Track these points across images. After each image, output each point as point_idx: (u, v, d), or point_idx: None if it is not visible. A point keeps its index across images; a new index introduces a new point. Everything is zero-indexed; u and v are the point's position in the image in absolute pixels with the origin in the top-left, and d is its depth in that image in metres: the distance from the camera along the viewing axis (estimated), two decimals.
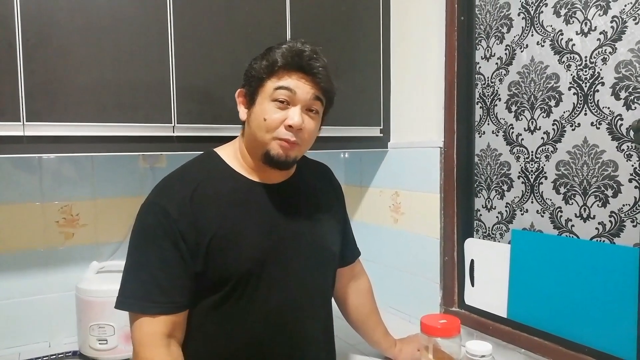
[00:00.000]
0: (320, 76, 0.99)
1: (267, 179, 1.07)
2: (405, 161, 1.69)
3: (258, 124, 0.99)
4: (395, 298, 1.74)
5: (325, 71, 1.00)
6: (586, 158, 1.19)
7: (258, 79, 1.00)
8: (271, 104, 0.98)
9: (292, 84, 0.98)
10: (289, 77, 0.98)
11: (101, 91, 1.21)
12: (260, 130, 0.99)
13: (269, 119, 0.98)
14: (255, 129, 1.00)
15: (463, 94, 1.50)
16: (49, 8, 1.14)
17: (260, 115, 0.99)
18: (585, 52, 1.19)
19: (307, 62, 0.98)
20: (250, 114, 1.02)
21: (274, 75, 0.98)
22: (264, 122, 0.98)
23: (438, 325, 1.17)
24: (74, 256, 1.52)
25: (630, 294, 1.08)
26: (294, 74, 0.98)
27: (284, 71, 0.98)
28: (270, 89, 0.98)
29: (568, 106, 1.23)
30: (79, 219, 1.52)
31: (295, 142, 0.99)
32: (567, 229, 1.24)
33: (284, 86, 0.97)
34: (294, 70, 0.98)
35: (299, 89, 0.98)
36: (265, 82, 0.99)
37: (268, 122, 0.98)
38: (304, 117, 0.99)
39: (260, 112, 0.99)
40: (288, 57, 0.98)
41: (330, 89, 1.03)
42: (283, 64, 0.98)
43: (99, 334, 1.34)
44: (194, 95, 1.32)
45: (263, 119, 0.98)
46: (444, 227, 1.54)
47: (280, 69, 0.98)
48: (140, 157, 1.59)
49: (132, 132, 1.26)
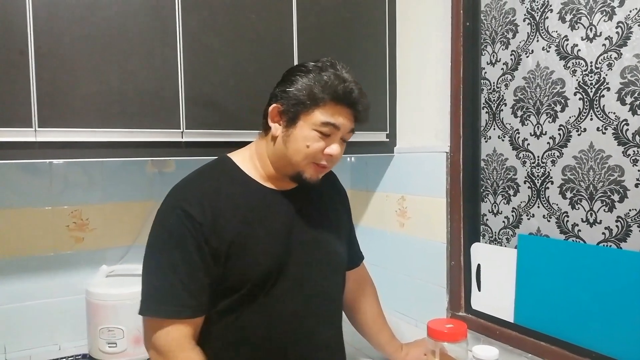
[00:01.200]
0: (363, 115, 1.04)
1: (280, 186, 1.10)
2: (412, 166, 1.69)
3: (297, 149, 1.01)
4: (401, 302, 1.74)
5: (366, 110, 1.05)
6: (592, 163, 1.19)
7: (303, 105, 1.01)
8: (314, 133, 1.01)
9: (339, 121, 1.01)
10: (339, 115, 1.01)
11: (111, 98, 1.23)
12: (299, 155, 1.02)
13: (312, 147, 1.01)
14: (293, 151, 1.02)
15: (469, 99, 1.51)
16: (60, 17, 1.16)
17: (303, 142, 1.01)
18: (590, 57, 1.20)
19: (355, 102, 1.02)
20: (288, 135, 1.03)
21: (321, 107, 1.00)
22: (306, 149, 1.01)
23: (445, 330, 1.17)
24: (83, 260, 1.54)
25: (636, 299, 1.08)
26: (342, 111, 1.01)
27: (332, 104, 1.00)
28: (317, 119, 1.00)
29: (574, 111, 1.23)
30: (88, 224, 1.54)
31: (327, 167, 1.05)
32: (573, 234, 1.24)
33: (333, 123, 1.00)
34: (342, 106, 1.01)
35: (343, 125, 1.02)
36: (312, 111, 1.00)
37: (310, 150, 1.01)
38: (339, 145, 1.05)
39: (303, 139, 1.01)
40: (340, 94, 1.00)
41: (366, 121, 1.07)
42: (335, 99, 1.00)
43: (109, 337, 1.35)
44: (202, 101, 1.34)
45: (306, 146, 1.01)
46: (450, 232, 1.54)
47: (331, 102, 1.00)
48: (149, 162, 1.61)
49: (141, 137, 1.27)
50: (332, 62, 1.04)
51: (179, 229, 0.96)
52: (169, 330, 0.95)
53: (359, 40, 1.62)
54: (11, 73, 1.12)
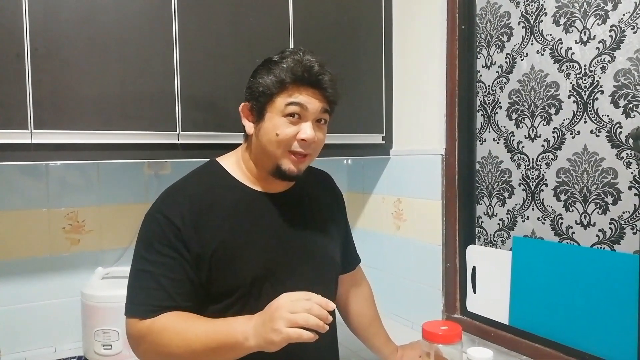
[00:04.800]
0: (330, 90, 1.01)
1: (270, 188, 1.08)
2: (407, 168, 1.70)
3: (269, 139, 0.99)
4: (397, 304, 1.75)
5: (333, 84, 1.01)
6: (586, 165, 1.20)
7: (266, 95, 0.99)
8: (282, 119, 0.98)
9: (304, 99, 0.98)
10: (299, 93, 0.98)
11: (107, 100, 1.23)
12: (272, 145, 0.99)
13: (282, 134, 0.98)
14: (266, 143, 1.00)
15: (464, 102, 1.52)
16: (56, 20, 1.17)
17: (272, 131, 0.99)
18: (584, 60, 1.20)
19: (316, 77, 0.99)
20: (260, 129, 1.02)
21: (284, 91, 0.98)
22: (277, 137, 0.98)
23: (439, 332, 1.16)
24: (79, 262, 1.54)
25: (630, 301, 1.08)
26: (304, 90, 0.98)
27: (293, 87, 0.98)
28: (281, 104, 0.98)
29: (568, 114, 1.24)
30: (84, 225, 1.54)
31: (307, 155, 1.01)
32: (567, 236, 1.25)
33: (296, 102, 0.98)
34: (304, 86, 0.98)
35: (309, 104, 0.99)
36: (275, 98, 0.99)
37: (281, 137, 0.98)
38: (314, 130, 1.00)
39: (272, 128, 0.99)
40: (298, 73, 0.98)
41: (337, 99, 1.05)
42: (293, 79, 0.98)
43: (104, 339, 1.35)
44: (198, 104, 1.34)
45: (275, 134, 0.98)
46: (445, 234, 1.55)
47: (290, 84, 0.98)
48: (146, 165, 1.61)
49: (137, 140, 1.28)
50: (294, 50, 1.03)
51: (157, 234, 0.96)
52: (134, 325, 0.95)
53: (355, 43, 1.63)
54: (7, 75, 1.12)
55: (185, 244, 0.96)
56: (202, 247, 0.97)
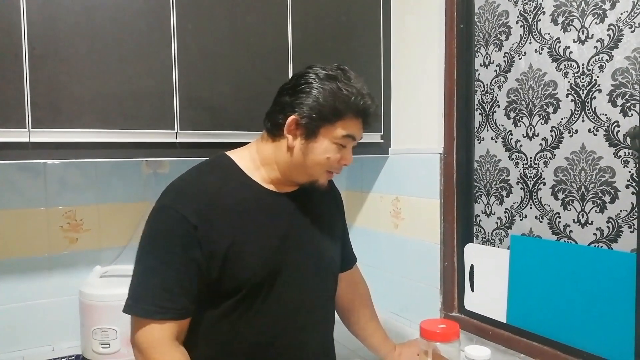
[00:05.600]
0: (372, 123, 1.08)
1: (279, 188, 1.09)
2: (406, 167, 1.70)
3: (317, 160, 1.03)
4: (395, 303, 1.75)
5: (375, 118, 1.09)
6: (584, 164, 1.20)
7: (326, 120, 1.01)
8: (334, 146, 1.03)
9: (358, 134, 1.05)
10: (356, 126, 1.04)
11: (105, 99, 1.23)
12: (318, 166, 1.04)
13: (332, 159, 1.03)
14: (311, 163, 1.03)
15: (462, 100, 1.52)
16: (54, 19, 1.16)
17: (323, 154, 1.03)
18: (582, 59, 1.21)
19: (372, 117, 1.06)
20: (307, 147, 1.03)
21: (343, 120, 1.02)
22: (326, 161, 1.03)
23: (437, 330, 1.17)
24: (77, 260, 1.53)
25: (627, 299, 1.09)
26: (360, 123, 1.05)
27: (352, 119, 1.03)
28: (338, 134, 1.02)
29: (566, 113, 1.24)
30: (82, 224, 1.54)
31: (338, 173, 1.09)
32: (565, 235, 1.25)
33: (352, 135, 1.03)
34: (360, 119, 1.04)
35: (359, 134, 1.06)
36: (334, 125, 1.02)
37: (330, 162, 1.04)
38: None
39: (323, 152, 1.03)
40: (360, 109, 1.02)
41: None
42: (356, 113, 1.03)
43: (102, 337, 1.35)
44: (196, 103, 1.34)
45: (326, 158, 1.03)
46: (443, 233, 1.55)
47: (350, 117, 1.02)
48: (144, 163, 1.61)
49: (135, 138, 1.27)
50: (342, 68, 1.05)
51: (169, 231, 0.95)
52: (152, 330, 0.94)
53: (354, 42, 1.63)
54: (5, 75, 1.12)
55: (200, 241, 0.95)
56: (216, 244, 0.96)
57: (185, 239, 0.94)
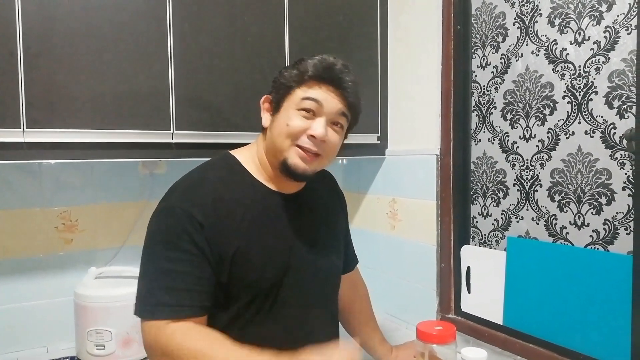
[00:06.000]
0: (349, 91, 0.99)
1: (283, 188, 1.06)
2: (403, 168, 1.69)
3: (280, 130, 0.98)
4: (392, 304, 1.74)
5: (354, 87, 1.00)
6: (580, 166, 1.20)
7: (286, 87, 0.99)
8: (296, 112, 0.97)
9: (321, 95, 0.97)
10: (319, 88, 0.97)
11: (101, 99, 1.22)
12: (281, 136, 0.98)
13: (292, 125, 0.97)
14: (276, 135, 0.99)
15: (459, 102, 1.52)
16: (50, 18, 1.16)
17: (284, 122, 0.98)
18: (579, 61, 1.21)
19: (337, 75, 0.98)
20: (274, 120, 1.01)
21: (303, 85, 0.98)
22: (286, 128, 0.97)
23: (434, 332, 1.16)
24: (72, 261, 1.52)
25: (623, 301, 1.09)
26: (324, 86, 0.97)
27: (313, 82, 0.97)
28: (297, 97, 0.98)
29: (562, 115, 1.24)
30: (78, 225, 1.53)
31: (316, 153, 0.98)
32: (561, 237, 1.25)
33: (312, 97, 0.97)
34: (323, 82, 0.97)
35: (326, 101, 0.97)
36: (293, 91, 0.98)
37: (290, 128, 0.97)
38: (327, 130, 0.98)
39: (284, 119, 0.98)
40: (319, 68, 0.97)
41: (357, 105, 1.03)
42: (313, 74, 0.97)
43: (97, 339, 1.34)
44: (192, 103, 1.34)
45: (286, 125, 0.97)
46: (440, 234, 1.55)
47: (310, 79, 0.97)
48: (140, 164, 1.60)
49: (131, 138, 1.27)
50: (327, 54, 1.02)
51: (178, 228, 0.92)
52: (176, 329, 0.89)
53: (350, 43, 1.63)
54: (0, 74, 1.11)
55: (208, 241, 0.93)
56: (224, 246, 0.94)
57: (196, 236, 0.92)
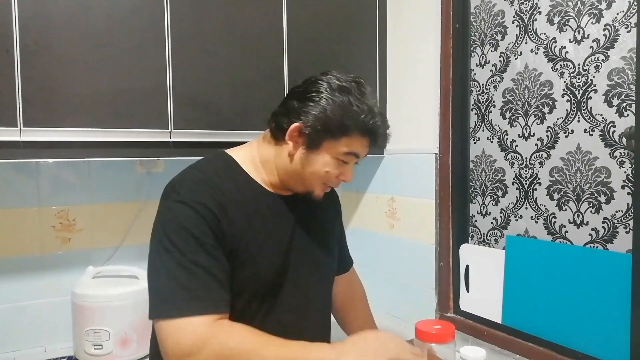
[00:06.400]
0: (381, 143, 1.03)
1: (280, 190, 1.07)
2: (401, 167, 1.69)
3: (316, 172, 1.00)
4: (390, 303, 1.74)
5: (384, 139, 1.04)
6: (579, 165, 1.20)
7: (330, 134, 0.97)
8: (335, 160, 0.99)
9: (361, 150, 1.00)
10: (361, 145, 0.99)
11: (98, 97, 1.21)
12: (315, 178, 1.01)
13: (331, 174, 1.00)
14: (310, 174, 1.00)
15: (458, 100, 1.51)
16: (46, 15, 1.15)
17: (322, 168, 0.99)
18: (578, 59, 1.20)
19: (380, 137, 1.01)
20: (308, 157, 0.99)
21: (348, 137, 0.97)
22: (325, 174, 1.00)
23: (432, 331, 1.16)
24: (70, 261, 1.52)
25: (623, 300, 1.08)
26: (365, 142, 0.99)
27: (358, 137, 0.98)
28: (341, 150, 0.98)
29: (561, 113, 1.24)
30: (75, 224, 1.52)
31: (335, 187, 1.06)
32: (561, 235, 1.25)
33: (355, 152, 0.99)
34: (367, 137, 0.99)
35: (362, 154, 1.01)
36: (338, 140, 0.97)
37: (328, 176, 1.00)
38: None
39: (323, 165, 0.99)
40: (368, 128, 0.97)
41: None
42: (363, 131, 0.97)
43: (94, 339, 1.33)
44: (190, 101, 1.33)
45: (325, 172, 0.99)
46: (439, 233, 1.54)
47: (356, 134, 0.97)
48: (138, 163, 1.59)
49: (128, 137, 1.26)
50: (357, 81, 1.00)
51: (197, 222, 0.90)
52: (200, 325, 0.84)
53: (349, 41, 1.62)
54: None
55: (224, 235, 0.92)
56: (231, 242, 0.94)
57: (214, 229, 0.91)
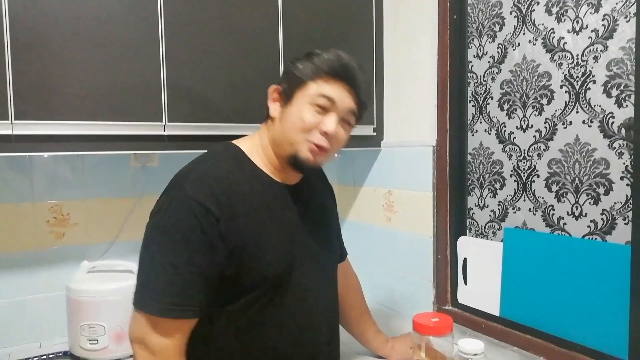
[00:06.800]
0: (362, 91, 1.01)
1: (285, 179, 1.06)
2: (398, 160, 1.68)
3: (293, 124, 0.98)
4: (388, 296, 1.74)
5: (366, 87, 1.03)
6: (578, 156, 1.19)
7: (300, 80, 0.98)
8: (310, 107, 0.97)
9: (335, 93, 0.97)
10: (334, 84, 0.98)
11: (91, 90, 1.19)
12: (294, 130, 0.98)
13: (307, 120, 0.97)
14: (288, 127, 0.99)
15: (455, 92, 1.50)
16: (38, 7, 1.13)
17: (297, 115, 0.97)
18: (577, 50, 1.19)
19: (353, 75, 0.99)
20: (285, 112, 1.00)
21: (318, 80, 0.98)
22: (300, 122, 0.97)
23: (430, 324, 1.16)
24: (64, 256, 1.50)
25: (622, 292, 1.08)
26: (339, 84, 0.98)
27: (329, 78, 0.98)
28: (312, 92, 0.97)
29: (560, 104, 1.23)
30: (69, 219, 1.51)
31: (325, 149, 0.99)
32: (559, 227, 1.24)
33: (327, 95, 0.97)
34: (339, 79, 0.98)
35: (340, 99, 0.98)
36: (307, 84, 0.98)
37: (304, 123, 0.97)
38: (338, 126, 0.99)
39: (298, 112, 0.97)
40: (336, 66, 0.98)
41: (366, 104, 1.05)
42: (329, 70, 0.97)
43: (90, 334, 1.32)
44: (184, 94, 1.31)
45: (299, 119, 0.97)
46: (436, 226, 1.53)
47: (325, 74, 0.97)
48: (132, 157, 1.57)
49: (122, 131, 1.25)
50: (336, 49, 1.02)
51: (191, 223, 0.89)
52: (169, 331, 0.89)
53: (345, 33, 1.60)
54: None
55: (222, 234, 0.91)
56: (237, 239, 0.93)
57: (209, 231, 0.90)
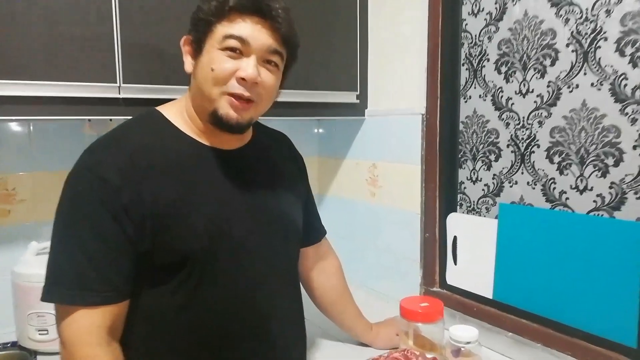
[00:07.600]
0: (280, 21, 0.86)
1: (219, 143, 0.95)
2: (384, 130, 1.58)
3: (204, 76, 0.86)
4: (372, 277, 1.66)
5: (286, 15, 0.86)
6: (584, 123, 1.08)
7: (206, 23, 0.85)
8: (220, 53, 0.85)
9: (246, 31, 0.84)
10: (243, 21, 0.84)
11: (33, 46, 1.04)
12: (207, 83, 0.86)
13: (218, 69, 0.84)
14: (201, 81, 0.87)
15: (448, 54, 1.38)
16: None
17: (208, 65, 0.85)
18: (586, 3, 1.06)
19: (266, 5, 0.84)
20: (197, 64, 0.88)
21: (225, 19, 0.84)
22: (212, 73, 0.84)
23: (419, 310, 1.09)
24: (10, 236, 1.37)
25: (631, 273, 0.98)
26: (248, 18, 0.84)
27: (236, 14, 0.84)
28: (219, 35, 0.84)
29: (565, 65, 1.11)
30: (15, 194, 1.37)
31: (249, 99, 0.86)
32: (561, 202, 1.14)
33: (236, 34, 0.84)
34: (248, 13, 0.84)
35: (253, 37, 0.84)
36: (214, 27, 0.85)
37: (216, 73, 0.84)
38: (260, 70, 0.86)
39: (208, 62, 0.85)
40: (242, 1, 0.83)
41: (291, 37, 0.89)
42: (235, 4, 0.83)
43: (39, 323, 1.19)
44: (142, 52, 1.16)
45: (210, 69, 0.85)
46: (425, 201, 1.45)
47: (232, 10, 0.83)
48: (86, 124, 1.43)
49: (70, 92, 1.10)
50: None
51: (88, 196, 0.81)
52: (76, 319, 0.80)
53: None
54: None
55: (125, 207, 0.81)
56: (145, 209, 0.82)
57: (109, 204, 0.80)
